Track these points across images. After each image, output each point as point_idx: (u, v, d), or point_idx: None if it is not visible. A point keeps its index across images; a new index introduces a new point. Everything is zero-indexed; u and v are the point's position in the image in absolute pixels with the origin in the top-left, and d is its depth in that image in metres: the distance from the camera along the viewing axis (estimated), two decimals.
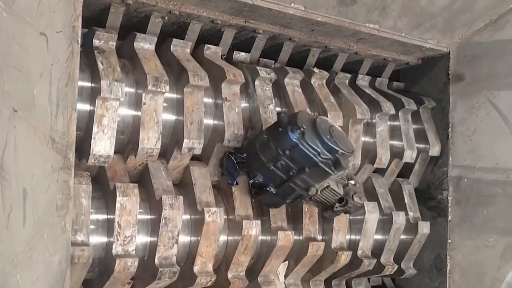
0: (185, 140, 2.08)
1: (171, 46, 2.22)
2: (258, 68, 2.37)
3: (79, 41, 1.66)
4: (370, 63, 2.88)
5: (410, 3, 2.46)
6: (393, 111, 2.70)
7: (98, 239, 1.99)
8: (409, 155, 2.78)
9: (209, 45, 2.32)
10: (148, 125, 2.00)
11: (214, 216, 2.08)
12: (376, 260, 2.62)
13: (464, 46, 2.79)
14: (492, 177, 2.67)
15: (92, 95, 1.94)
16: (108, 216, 2.00)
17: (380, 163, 2.68)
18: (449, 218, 2.80)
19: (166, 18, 2.20)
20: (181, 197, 2.04)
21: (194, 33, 2.30)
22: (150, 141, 2.01)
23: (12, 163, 1.43)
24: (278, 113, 2.11)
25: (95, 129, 1.87)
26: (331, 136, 2.04)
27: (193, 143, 2.09)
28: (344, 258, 2.48)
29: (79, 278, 1.87)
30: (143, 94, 2.00)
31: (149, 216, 2.09)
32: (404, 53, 2.84)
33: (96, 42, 1.99)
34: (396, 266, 2.72)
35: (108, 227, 1.99)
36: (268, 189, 2.16)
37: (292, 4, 2.23)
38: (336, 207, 2.26)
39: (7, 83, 1.43)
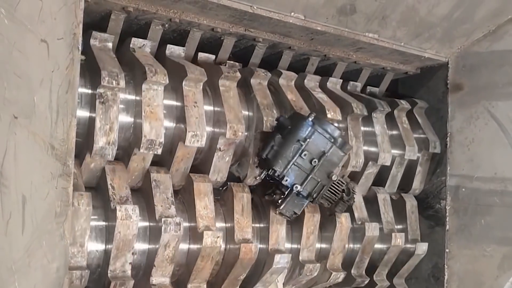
0: (144, 138, 1.96)
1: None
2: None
3: (80, 48, 1.66)
4: (369, 72, 2.89)
5: (409, 13, 2.47)
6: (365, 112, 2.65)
7: None
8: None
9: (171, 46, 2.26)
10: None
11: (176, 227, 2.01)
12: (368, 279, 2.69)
13: (462, 56, 2.81)
14: (490, 186, 2.68)
15: None
16: None
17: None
18: (447, 227, 2.80)
19: (167, 25, 2.21)
20: (136, 206, 1.96)
21: (194, 41, 2.31)
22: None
23: (11, 170, 1.43)
24: (278, 118, 2.29)
25: None
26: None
27: (152, 141, 1.98)
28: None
29: None
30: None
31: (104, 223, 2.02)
32: (403, 62, 2.86)
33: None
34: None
35: None
36: (294, 189, 2.24)
37: (292, 13, 2.24)
38: (345, 198, 2.39)
39: (7, 90, 1.43)
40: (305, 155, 2.21)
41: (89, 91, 1.97)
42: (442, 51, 2.77)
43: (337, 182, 2.30)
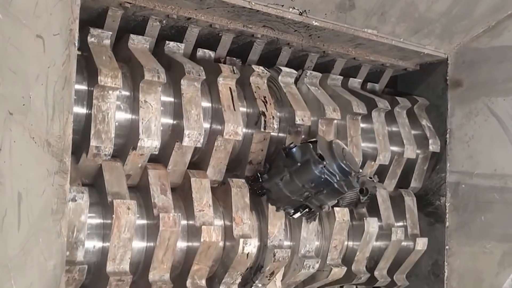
0: (141, 139, 1.95)
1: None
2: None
3: (76, 44, 1.65)
4: (368, 69, 2.87)
5: (408, 9, 2.45)
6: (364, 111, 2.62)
7: None
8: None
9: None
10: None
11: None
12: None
13: (462, 52, 2.79)
14: (490, 183, 2.67)
15: None
16: None
17: None
18: (447, 224, 2.79)
19: (164, 22, 2.19)
20: (134, 201, 1.94)
21: (192, 37, 2.29)
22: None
23: (7, 167, 1.41)
24: (286, 148, 2.20)
25: None
26: (344, 159, 2.16)
27: (150, 142, 1.97)
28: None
29: None
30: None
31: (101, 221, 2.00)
32: (402, 58, 2.84)
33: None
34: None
35: None
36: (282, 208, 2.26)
37: (291, 9, 2.23)
38: (362, 200, 2.43)
39: (2, 86, 1.42)
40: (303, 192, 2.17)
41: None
42: (442, 47, 2.76)
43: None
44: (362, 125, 2.65)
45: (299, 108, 2.39)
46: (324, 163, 2.10)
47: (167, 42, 2.23)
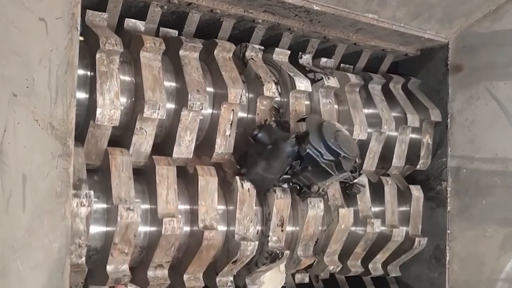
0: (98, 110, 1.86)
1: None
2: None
3: (79, 29, 1.65)
4: (369, 54, 2.88)
5: None
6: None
7: None
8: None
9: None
10: None
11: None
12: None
13: (463, 37, 2.79)
14: (491, 167, 2.68)
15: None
16: None
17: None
18: (448, 208, 2.80)
19: (165, 7, 2.19)
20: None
21: (193, 23, 2.30)
22: None
23: (11, 148, 1.43)
24: (253, 135, 2.20)
25: None
26: (335, 140, 2.15)
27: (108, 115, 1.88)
28: None
29: None
30: None
31: None
32: (403, 43, 2.84)
33: None
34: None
35: None
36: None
37: None
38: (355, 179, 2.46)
39: (6, 68, 1.43)
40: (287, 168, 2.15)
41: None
42: (442, 31, 2.76)
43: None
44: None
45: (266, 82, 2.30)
46: (293, 136, 2.12)
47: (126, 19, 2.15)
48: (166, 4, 2.18)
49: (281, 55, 2.50)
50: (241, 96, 2.18)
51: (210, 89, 2.23)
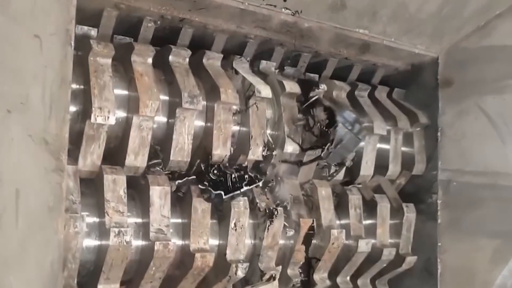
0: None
1: None
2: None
3: (72, 45, 1.67)
4: (360, 69, 2.91)
5: (399, 9, 2.49)
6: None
7: None
8: None
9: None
10: None
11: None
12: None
13: (452, 52, 2.83)
14: (481, 180, 2.70)
15: None
16: None
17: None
18: (439, 221, 2.82)
19: (159, 22, 2.22)
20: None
21: (187, 37, 2.32)
22: None
23: (5, 163, 1.44)
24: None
25: None
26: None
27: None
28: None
29: None
30: None
31: None
32: (393, 58, 2.88)
33: None
34: None
35: None
36: None
37: (283, 10, 2.26)
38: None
39: (1, 84, 1.44)
40: None
41: None
42: (432, 47, 2.80)
43: None
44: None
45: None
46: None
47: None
48: (159, 20, 2.20)
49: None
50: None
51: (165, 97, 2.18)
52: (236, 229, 2.22)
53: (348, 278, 2.74)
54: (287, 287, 2.49)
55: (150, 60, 2.13)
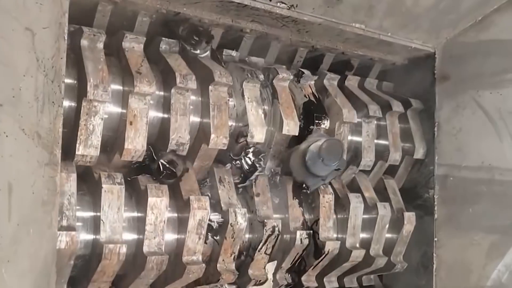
0: None
1: None
2: None
3: (66, 38, 1.67)
4: (357, 63, 2.90)
5: (395, 3, 2.48)
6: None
7: None
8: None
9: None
10: None
11: None
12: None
13: (449, 46, 2.82)
14: (477, 175, 2.70)
15: None
16: None
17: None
18: (435, 216, 2.82)
19: (154, 16, 2.21)
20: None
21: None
22: None
23: None
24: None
25: None
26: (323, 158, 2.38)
27: None
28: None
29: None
30: None
31: None
32: (390, 53, 2.87)
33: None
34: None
35: None
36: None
37: (279, 4, 2.26)
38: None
39: None
40: None
41: None
42: (429, 41, 2.79)
43: None
44: None
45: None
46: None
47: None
48: (154, 14, 2.19)
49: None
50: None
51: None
52: None
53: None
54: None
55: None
